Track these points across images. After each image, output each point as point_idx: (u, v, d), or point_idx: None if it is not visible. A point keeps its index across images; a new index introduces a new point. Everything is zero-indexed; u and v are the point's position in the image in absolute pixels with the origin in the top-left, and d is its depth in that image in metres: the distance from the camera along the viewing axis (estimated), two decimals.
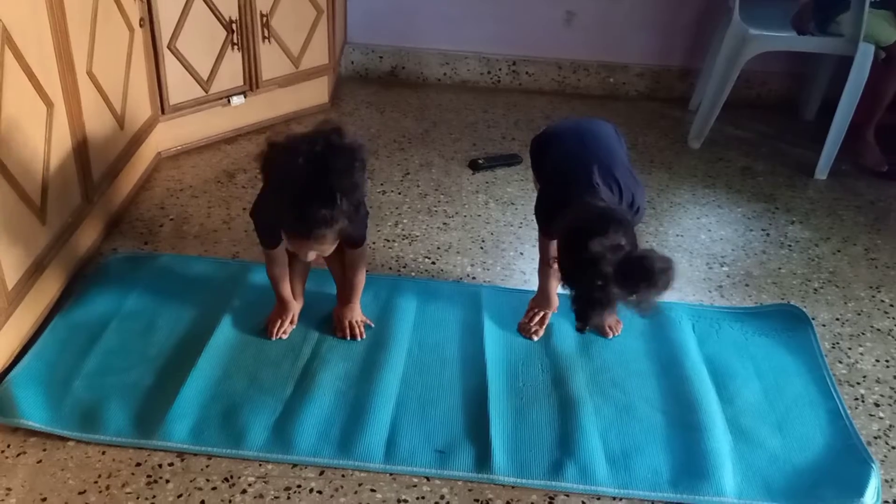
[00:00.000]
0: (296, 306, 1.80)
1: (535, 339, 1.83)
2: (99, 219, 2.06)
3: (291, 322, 1.79)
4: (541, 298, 1.85)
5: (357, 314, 1.79)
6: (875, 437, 1.65)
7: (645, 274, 1.38)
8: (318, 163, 1.41)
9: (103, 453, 1.48)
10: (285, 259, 1.73)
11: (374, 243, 2.17)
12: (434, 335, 1.82)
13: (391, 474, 1.48)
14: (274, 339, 1.75)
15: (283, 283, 1.75)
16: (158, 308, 1.83)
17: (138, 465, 1.46)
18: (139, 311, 1.82)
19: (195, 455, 1.49)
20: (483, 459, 1.51)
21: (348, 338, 1.77)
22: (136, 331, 1.76)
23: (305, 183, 1.40)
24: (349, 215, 1.46)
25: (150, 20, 2.25)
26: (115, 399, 1.57)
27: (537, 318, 1.84)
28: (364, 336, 1.77)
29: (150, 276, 1.94)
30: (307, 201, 1.41)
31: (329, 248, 1.57)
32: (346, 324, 1.78)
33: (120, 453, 1.48)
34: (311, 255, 1.59)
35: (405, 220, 2.30)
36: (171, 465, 1.47)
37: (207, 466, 1.47)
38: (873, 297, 2.11)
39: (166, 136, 2.48)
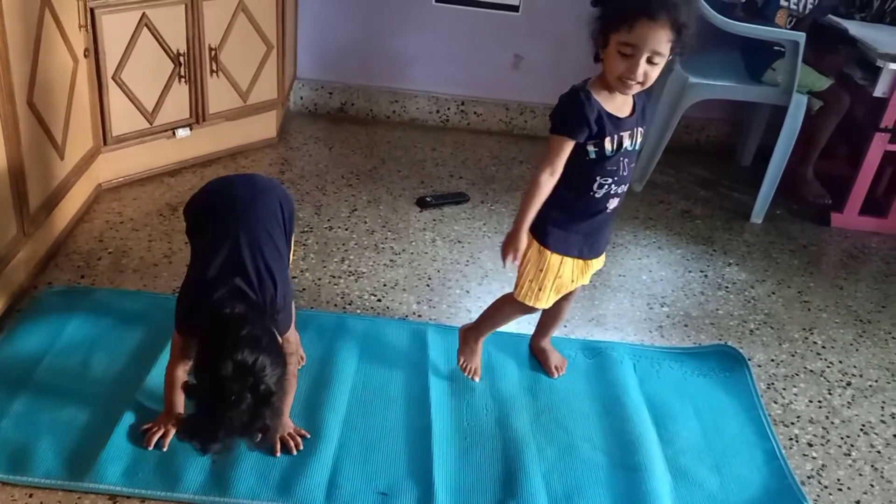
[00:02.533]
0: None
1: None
2: (34, 251, 2.00)
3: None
4: (512, 234, 1.67)
5: (288, 427, 1.59)
6: (808, 477, 1.69)
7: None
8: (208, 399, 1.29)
9: (30, 496, 1.42)
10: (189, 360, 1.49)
11: (319, 279, 2.15)
12: (378, 374, 1.81)
13: None
14: (151, 448, 1.52)
15: (178, 390, 1.49)
16: (93, 344, 1.78)
17: None
18: (73, 347, 1.76)
19: (128, 497, 1.44)
20: (426, 501, 1.49)
21: (278, 455, 1.55)
22: (69, 368, 1.70)
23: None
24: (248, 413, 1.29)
25: (94, 51, 2.22)
26: (45, 439, 1.52)
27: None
28: (301, 447, 1.57)
29: (85, 311, 1.89)
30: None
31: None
32: (277, 439, 1.56)
33: (48, 496, 1.42)
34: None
35: (352, 257, 2.29)
36: None
37: None
38: (806, 338, 2.17)
39: (108, 168, 2.43)
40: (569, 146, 1.51)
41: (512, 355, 1.91)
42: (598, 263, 1.70)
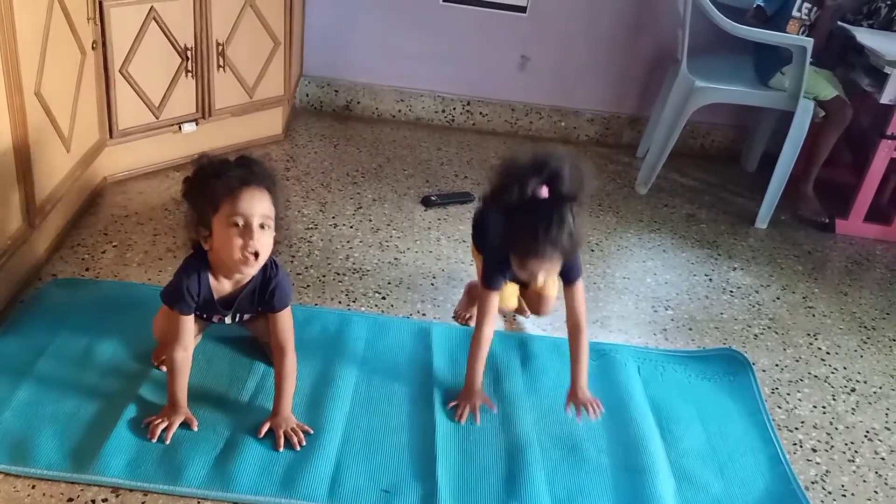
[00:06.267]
0: (187, 412, 1.57)
1: (477, 423, 1.69)
2: (39, 243, 1.99)
3: (189, 425, 1.57)
4: (466, 392, 1.73)
5: (290, 421, 1.59)
6: (812, 483, 1.69)
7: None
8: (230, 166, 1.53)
9: (33, 487, 1.41)
10: (192, 342, 1.58)
11: (323, 276, 2.15)
12: (382, 372, 1.80)
13: None
14: (154, 440, 1.52)
15: (182, 378, 1.56)
16: (97, 337, 1.77)
17: (70, 500, 1.40)
18: (76, 339, 1.76)
19: (131, 490, 1.43)
20: (429, 500, 1.49)
21: (281, 450, 1.54)
22: (72, 360, 1.70)
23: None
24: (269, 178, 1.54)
25: (102, 43, 2.22)
26: (47, 430, 1.51)
27: (466, 413, 1.70)
28: (304, 443, 1.56)
29: (89, 303, 1.88)
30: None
31: (269, 216, 1.51)
32: (280, 433, 1.56)
33: (51, 487, 1.42)
34: (257, 219, 1.47)
35: (356, 254, 2.28)
36: (105, 500, 1.41)
37: (143, 503, 1.42)
38: (811, 344, 2.17)
39: (114, 161, 2.43)
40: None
41: (516, 355, 1.90)
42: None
